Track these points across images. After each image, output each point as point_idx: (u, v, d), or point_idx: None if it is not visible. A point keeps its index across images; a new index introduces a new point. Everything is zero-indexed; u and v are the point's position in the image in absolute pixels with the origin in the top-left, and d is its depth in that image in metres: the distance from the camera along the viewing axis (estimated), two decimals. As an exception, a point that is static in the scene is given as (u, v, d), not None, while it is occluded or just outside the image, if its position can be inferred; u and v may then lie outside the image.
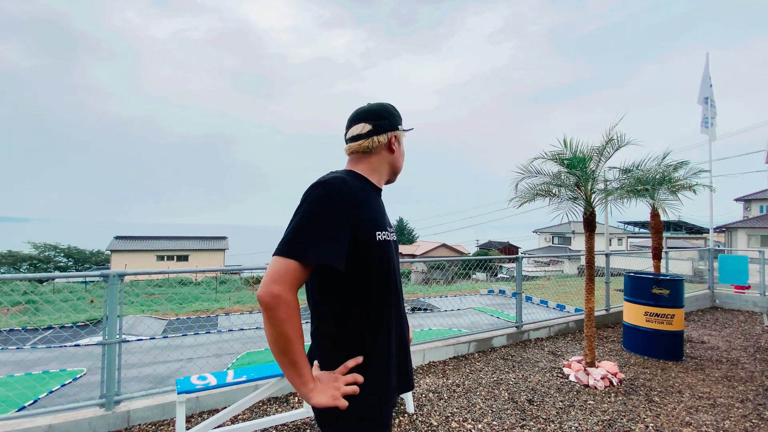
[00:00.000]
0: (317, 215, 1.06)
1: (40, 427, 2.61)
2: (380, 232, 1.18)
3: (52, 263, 32.97)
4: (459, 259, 9.27)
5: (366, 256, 1.13)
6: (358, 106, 1.35)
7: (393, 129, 1.30)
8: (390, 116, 1.31)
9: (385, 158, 1.32)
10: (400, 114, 1.37)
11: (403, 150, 1.39)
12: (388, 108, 1.33)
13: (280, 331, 1.01)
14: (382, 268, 1.18)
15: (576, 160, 3.92)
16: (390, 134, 1.30)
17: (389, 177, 1.37)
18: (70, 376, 8.12)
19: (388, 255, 1.20)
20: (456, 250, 41.84)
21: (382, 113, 1.30)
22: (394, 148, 1.32)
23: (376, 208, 1.23)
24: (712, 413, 3.22)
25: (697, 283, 9.76)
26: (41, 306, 15.79)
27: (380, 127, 1.28)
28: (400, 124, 1.34)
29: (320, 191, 1.10)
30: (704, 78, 9.91)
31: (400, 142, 1.35)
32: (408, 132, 1.40)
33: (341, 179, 1.14)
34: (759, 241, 26.57)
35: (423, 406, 3.26)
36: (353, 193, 1.13)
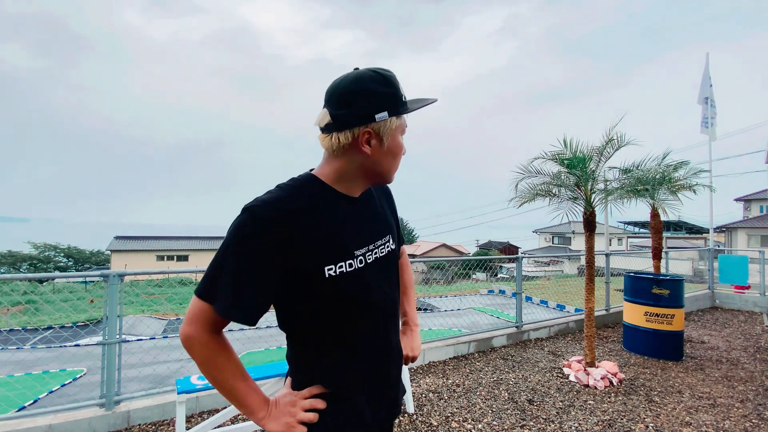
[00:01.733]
0: (230, 256, 0.85)
1: (40, 427, 2.61)
2: (339, 263, 0.91)
3: (52, 263, 32.97)
4: (459, 259, 9.29)
5: (317, 295, 0.91)
6: None
7: (364, 122, 0.89)
8: (362, 99, 0.88)
9: (356, 161, 0.93)
10: (397, 88, 0.92)
11: (397, 143, 0.96)
12: (363, 85, 0.89)
13: (203, 369, 0.90)
14: (342, 306, 0.93)
15: (576, 160, 3.92)
16: (357, 130, 0.89)
17: (372, 181, 1.01)
18: (70, 376, 8.12)
19: (353, 289, 0.93)
20: (456, 250, 41.86)
21: (346, 95, 0.89)
22: (366, 150, 0.91)
23: (337, 229, 0.93)
24: (712, 413, 3.22)
25: (697, 283, 9.76)
26: (41, 306, 15.79)
27: (341, 119, 0.89)
28: (386, 110, 0.90)
29: (239, 222, 0.86)
30: (704, 78, 9.92)
31: (381, 137, 0.92)
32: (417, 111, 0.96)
33: (274, 200, 0.88)
34: (759, 241, 26.57)
35: (423, 406, 3.26)
36: (292, 218, 0.87)
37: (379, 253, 1.02)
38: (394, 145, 0.95)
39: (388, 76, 0.91)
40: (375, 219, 1.04)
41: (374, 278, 0.99)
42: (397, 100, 0.92)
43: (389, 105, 0.91)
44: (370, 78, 0.90)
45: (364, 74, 0.90)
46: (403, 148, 1.00)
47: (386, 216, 1.10)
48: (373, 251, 1.00)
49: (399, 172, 1.02)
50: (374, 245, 1.01)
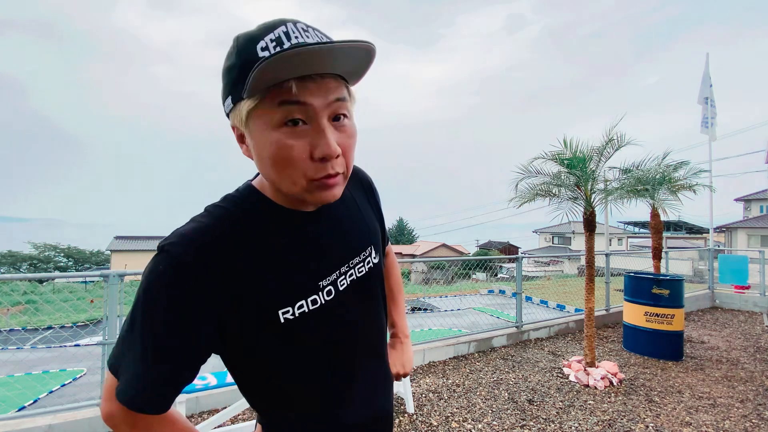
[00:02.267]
0: (139, 316, 0.63)
1: (40, 427, 2.61)
2: (299, 302, 0.69)
3: (52, 263, 32.98)
4: (459, 259, 9.29)
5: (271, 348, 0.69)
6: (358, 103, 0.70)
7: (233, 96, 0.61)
8: (227, 75, 0.61)
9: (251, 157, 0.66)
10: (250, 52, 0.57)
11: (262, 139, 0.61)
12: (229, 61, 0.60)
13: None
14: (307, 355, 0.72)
15: (576, 160, 3.92)
16: (232, 113, 0.63)
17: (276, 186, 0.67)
18: (70, 376, 8.12)
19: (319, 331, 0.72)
20: (456, 250, 41.86)
21: (223, 75, 0.63)
22: (245, 153, 0.67)
23: (292, 257, 0.70)
24: (712, 413, 3.22)
25: (697, 283, 9.76)
26: (41, 306, 15.79)
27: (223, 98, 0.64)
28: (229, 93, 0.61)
29: (150, 268, 0.63)
30: (704, 78, 9.92)
31: (244, 134, 0.65)
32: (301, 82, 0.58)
33: (197, 232, 0.64)
34: (759, 241, 26.57)
35: (423, 406, 3.26)
36: (225, 253, 0.64)
37: (356, 273, 0.78)
38: (258, 146, 0.62)
39: (240, 37, 0.60)
40: (349, 230, 0.80)
41: (350, 309, 0.77)
42: (241, 68, 0.57)
43: (230, 84, 0.61)
44: (234, 46, 0.60)
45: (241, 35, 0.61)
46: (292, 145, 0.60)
47: (365, 221, 0.85)
48: (347, 273, 0.77)
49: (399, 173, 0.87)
50: (348, 266, 0.77)
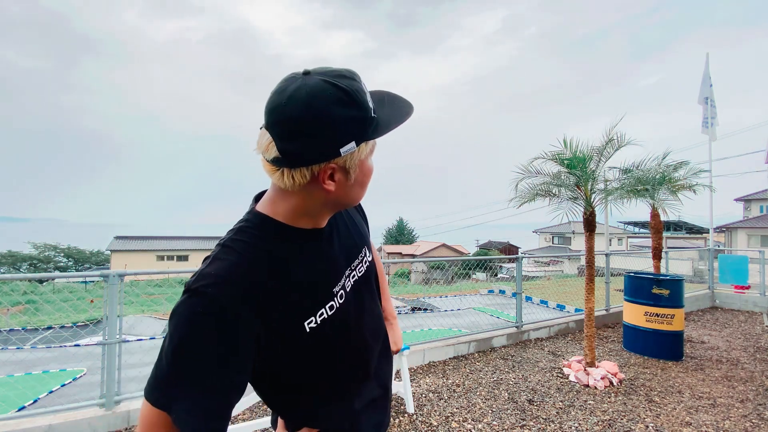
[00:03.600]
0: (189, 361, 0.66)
1: (40, 427, 2.61)
2: (313, 316, 0.77)
3: (52, 263, 32.99)
4: (459, 259, 9.29)
5: (298, 354, 0.77)
6: None
7: (326, 158, 0.69)
8: (324, 130, 0.66)
9: (321, 198, 0.75)
10: (365, 104, 0.68)
11: (366, 170, 0.77)
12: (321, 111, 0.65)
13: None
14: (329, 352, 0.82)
15: (576, 160, 3.92)
16: (318, 167, 0.70)
17: (337, 210, 0.84)
18: (70, 376, 8.12)
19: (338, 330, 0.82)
20: (456, 250, 41.86)
21: (303, 124, 0.66)
22: (329, 187, 0.72)
23: (311, 275, 0.78)
24: (712, 413, 3.22)
25: (697, 283, 9.76)
26: (41, 306, 15.79)
27: (294, 155, 0.68)
28: (353, 139, 0.69)
29: (190, 311, 0.67)
30: (704, 78, 9.92)
31: (348, 170, 0.73)
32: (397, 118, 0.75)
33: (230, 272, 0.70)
34: (759, 241, 26.57)
35: (423, 406, 3.26)
36: (257, 287, 0.71)
37: (358, 273, 0.89)
38: (362, 175, 0.77)
39: (352, 91, 0.67)
40: (348, 237, 0.90)
41: (357, 305, 0.88)
42: (366, 120, 0.69)
43: (357, 131, 0.69)
44: (328, 98, 0.65)
45: (319, 92, 0.65)
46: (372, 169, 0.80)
47: (356, 224, 0.96)
48: (351, 275, 0.87)
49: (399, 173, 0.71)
50: (351, 268, 0.88)
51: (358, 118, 0.68)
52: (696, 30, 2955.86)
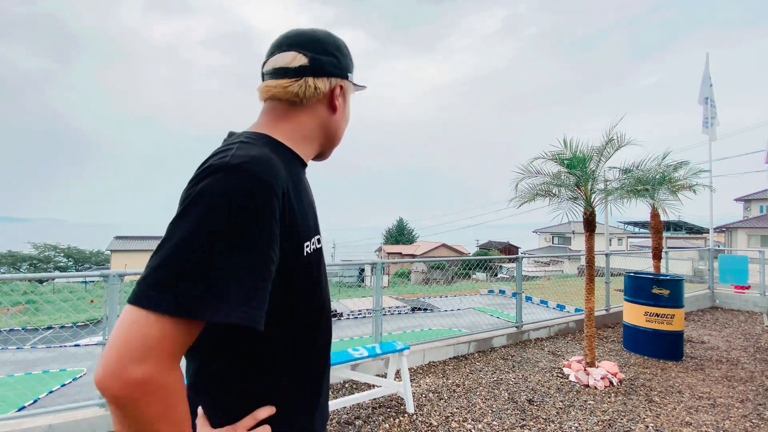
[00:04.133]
0: (225, 232, 0.58)
1: (40, 427, 2.61)
2: (308, 241, 0.74)
3: (52, 263, 32.98)
4: (459, 259, 9.28)
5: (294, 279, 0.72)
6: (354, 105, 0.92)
7: (342, 75, 0.83)
8: (339, 53, 0.83)
9: (322, 118, 0.83)
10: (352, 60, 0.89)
11: (349, 114, 0.91)
12: (337, 41, 0.84)
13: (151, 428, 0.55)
14: (309, 292, 0.77)
15: (576, 160, 3.92)
16: (336, 81, 0.82)
17: (321, 149, 0.88)
18: (70, 376, 8.12)
19: (317, 273, 0.79)
20: (456, 250, 41.85)
21: (326, 44, 0.81)
22: (337, 104, 0.83)
23: (308, 201, 0.79)
24: (712, 413, 3.22)
25: (697, 283, 9.76)
26: (41, 306, 15.80)
27: (321, 65, 0.79)
28: (351, 71, 0.87)
29: (228, 182, 0.60)
30: (704, 78, 9.92)
31: (346, 99, 0.87)
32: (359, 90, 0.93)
33: (267, 159, 0.66)
34: (759, 241, 26.57)
35: (423, 406, 3.26)
36: (285, 181, 0.68)
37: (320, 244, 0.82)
38: (348, 109, 0.90)
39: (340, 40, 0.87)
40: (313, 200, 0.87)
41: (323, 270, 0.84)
42: (353, 65, 0.89)
43: (353, 68, 0.88)
44: (339, 39, 0.86)
45: (333, 34, 0.85)
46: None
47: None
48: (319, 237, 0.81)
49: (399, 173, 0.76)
50: (319, 230, 0.83)
51: (349, 55, 0.88)
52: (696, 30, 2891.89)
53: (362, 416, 3.09)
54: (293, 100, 0.79)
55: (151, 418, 0.55)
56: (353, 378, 3.13)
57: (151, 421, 0.55)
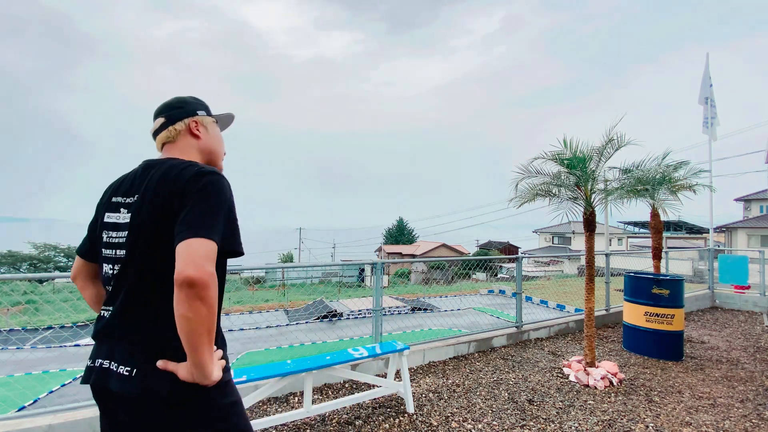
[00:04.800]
0: (229, 204, 1.15)
1: (40, 427, 2.61)
2: None
3: (52, 263, 32.96)
4: (459, 259, 9.29)
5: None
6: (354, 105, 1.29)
7: (189, 116, 1.35)
8: (184, 105, 1.36)
9: (192, 144, 1.35)
10: (204, 103, 1.42)
11: (217, 133, 1.43)
12: (181, 99, 1.39)
13: (213, 310, 1.00)
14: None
15: (576, 160, 3.92)
16: (187, 120, 1.34)
17: (207, 160, 1.39)
18: (70, 376, 8.12)
19: None
20: (456, 250, 41.85)
21: (173, 105, 1.36)
22: (197, 133, 1.35)
23: None
24: (712, 413, 3.22)
25: (697, 283, 9.76)
26: (41, 306, 15.80)
27: (172, 116, 1.34)
28: (199, 110, 1.37)
29: (221, 180, 1.17)
30: (704, 78, 9.92)
31: (206, 126, 1.38)
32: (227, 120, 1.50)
33: None
34: (759, 241, 26.57)
35: (423, 406, 3.26)
36: None
37: None
38: (215, 134, 1.42)
39: (193, 98, 1.42)
40: None
41: None
42: (207, 108, 1.42)
43: (202, 108, 1.40)
44: (183, 97, 1.40)
45: (179, 96, 1.40)
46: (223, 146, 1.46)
47: None
48: None
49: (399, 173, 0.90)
50: None
51: (201, 104, 1.41)
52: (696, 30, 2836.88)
53: (362, 416, 3.09)
54: (170, 141, 1.34)
55: (213, 295, 1.01)
56: (353, 378, 3.13)
57: (213, 297, 1.01)
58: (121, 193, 1.24)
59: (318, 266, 27.19)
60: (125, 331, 1.14)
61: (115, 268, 1.18)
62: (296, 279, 28.15)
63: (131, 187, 1.23)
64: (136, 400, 1.06)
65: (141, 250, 1.13)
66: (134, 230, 1.16)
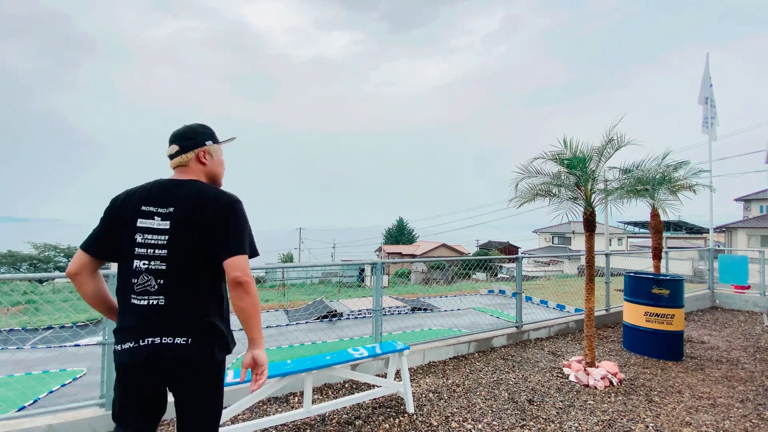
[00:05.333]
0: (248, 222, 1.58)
1: (40, 427, 2.61)
2: None
3: (52, 263, 32.95)
4: (459, 259, 9.30)
5: None
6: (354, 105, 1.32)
7: (198, 146, 1.64)
8: (194, 136, 1.64)
9: (200, 169, 1.65)
10: (211, 132, 1.70)
11: (220, 159, 1.73)
12: (193, 128, 1.66)
13: (258, 299, 1.48)
14: None
15: (576, 160, 3.92)
16: (197, 150, 1.63)
17: (211, 181, 1.70)
18: (70, 376, 8.11)
19: None
20: (456, 250, 41.84)
21: (186, 135, 1.64)
22: (204, 161, 1.65)
23: None
24: (712, 413, 3.22)
25: (697, 283, 9.76)
26: (41, 306, 15.80)
27: (185, 147, 1.63)
28: (207, 141, 1.66)
29: (243, 205, 1.58)
30: (704, 78, 9.92)
31: (211, 155, 1.67)
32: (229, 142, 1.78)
33: None
34: (759, 241, 26.56)
35: (423, 406, 3.26)
36: None
37: None
38: (218, 160, 1.73)
39: (207, 126, 1.72)
40: None
41: None
42: (215, 135, 1.72)
43: (210, 137, 1.69)
44: (194, 126, 1.69)
45: (191, 125, 1.69)
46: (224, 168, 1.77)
47: None
48: None
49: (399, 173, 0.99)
50: None
51: (204, 133, 1.69)
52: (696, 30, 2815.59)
53: (362, 416, 3.09)
54: (183, 165, 1.64)
55: (256, 291, 1.48)
56: (353, 378, 3.13)
57: (256, 290, 1.48)
58: (152, 204, 1.51)
59: (318, 266, 27.20)
60: (176, 314, 1.46)
61: (151, 264, 1.46)
62: (296, 279, 28.15)
63: (163, 199, 1.52)
64: (193, 362, 1.46)
65: (184, 253, 1.47)
66: (176, 236, 1.48)
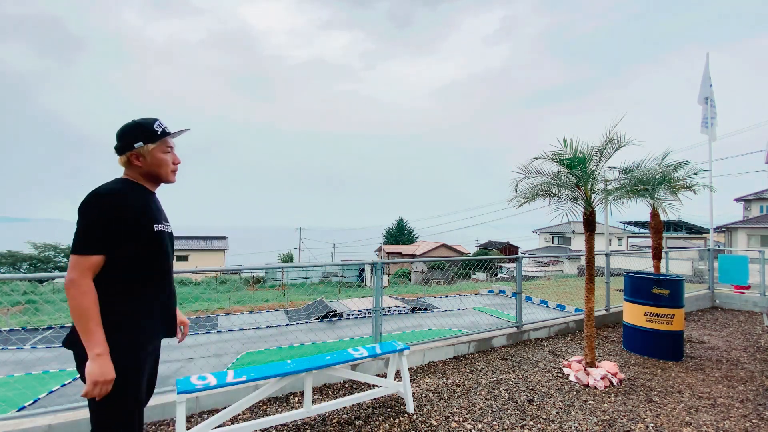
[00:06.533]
0: None
1: (40, 427, 2.61)
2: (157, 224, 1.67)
3: (52, 263, 32.95)
4: (459, 259, 9.28)
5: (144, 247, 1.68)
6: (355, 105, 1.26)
7: (128, 150, 1.62)
8: (126, 137, 1.62)
9: (137, 169, 1.66)
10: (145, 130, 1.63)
11: (160, 158, 1.67)
12: (125, 129, 1.63)
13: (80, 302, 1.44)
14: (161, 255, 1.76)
15: (576, 160, 3.92)
16: (127, 154, 1.62)
17: (154, 181, 1.72)
18: (70, 376, 8.11)
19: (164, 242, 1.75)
20: (456, 250, 41.83)
21: (120, 136, 1.63)
22: (138, 163, 1.64)
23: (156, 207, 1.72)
24: (712, 413, 3.22)
25: (697, 283, 9.76)
26: (41, 306, 15.80)
27: (117, 149, 1.64)
28: (137, 143, 1.61)
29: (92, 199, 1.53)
30: (704, 78, 9.92)
31: (144, 156, 1.63)
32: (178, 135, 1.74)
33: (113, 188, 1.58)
34: (759, 241, 26.56)
35: (423, 406, 3.26)
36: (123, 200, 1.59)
37: (167, 228, 1.77)
38: (156, 159, 1.67)
39: (141, 122, 1.65)
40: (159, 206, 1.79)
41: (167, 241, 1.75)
42: (149, 134, 1.64)
43: (142, 137, 1.63)
44: (127, 125, 1.65)
45: (126, 123, 1.66)
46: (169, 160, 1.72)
47: None
48: (166, 225, 1.76)
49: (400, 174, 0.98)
50: (165, 223, 1.75)
51: (141, 132, 1.64)
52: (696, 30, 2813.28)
53: (362, 416, 3.09)
54: (125, 166, 1.67)
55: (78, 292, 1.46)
56: (353, 378, 3.13)
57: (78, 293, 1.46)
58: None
59: (318, 266, 27.19)
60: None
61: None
62: (296, 279, 28.15)
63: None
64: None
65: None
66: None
